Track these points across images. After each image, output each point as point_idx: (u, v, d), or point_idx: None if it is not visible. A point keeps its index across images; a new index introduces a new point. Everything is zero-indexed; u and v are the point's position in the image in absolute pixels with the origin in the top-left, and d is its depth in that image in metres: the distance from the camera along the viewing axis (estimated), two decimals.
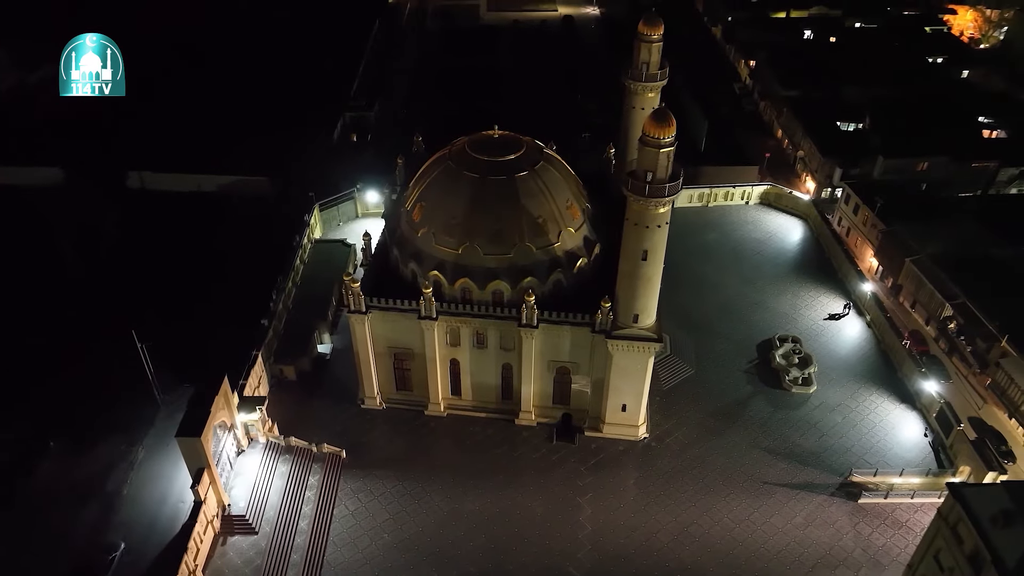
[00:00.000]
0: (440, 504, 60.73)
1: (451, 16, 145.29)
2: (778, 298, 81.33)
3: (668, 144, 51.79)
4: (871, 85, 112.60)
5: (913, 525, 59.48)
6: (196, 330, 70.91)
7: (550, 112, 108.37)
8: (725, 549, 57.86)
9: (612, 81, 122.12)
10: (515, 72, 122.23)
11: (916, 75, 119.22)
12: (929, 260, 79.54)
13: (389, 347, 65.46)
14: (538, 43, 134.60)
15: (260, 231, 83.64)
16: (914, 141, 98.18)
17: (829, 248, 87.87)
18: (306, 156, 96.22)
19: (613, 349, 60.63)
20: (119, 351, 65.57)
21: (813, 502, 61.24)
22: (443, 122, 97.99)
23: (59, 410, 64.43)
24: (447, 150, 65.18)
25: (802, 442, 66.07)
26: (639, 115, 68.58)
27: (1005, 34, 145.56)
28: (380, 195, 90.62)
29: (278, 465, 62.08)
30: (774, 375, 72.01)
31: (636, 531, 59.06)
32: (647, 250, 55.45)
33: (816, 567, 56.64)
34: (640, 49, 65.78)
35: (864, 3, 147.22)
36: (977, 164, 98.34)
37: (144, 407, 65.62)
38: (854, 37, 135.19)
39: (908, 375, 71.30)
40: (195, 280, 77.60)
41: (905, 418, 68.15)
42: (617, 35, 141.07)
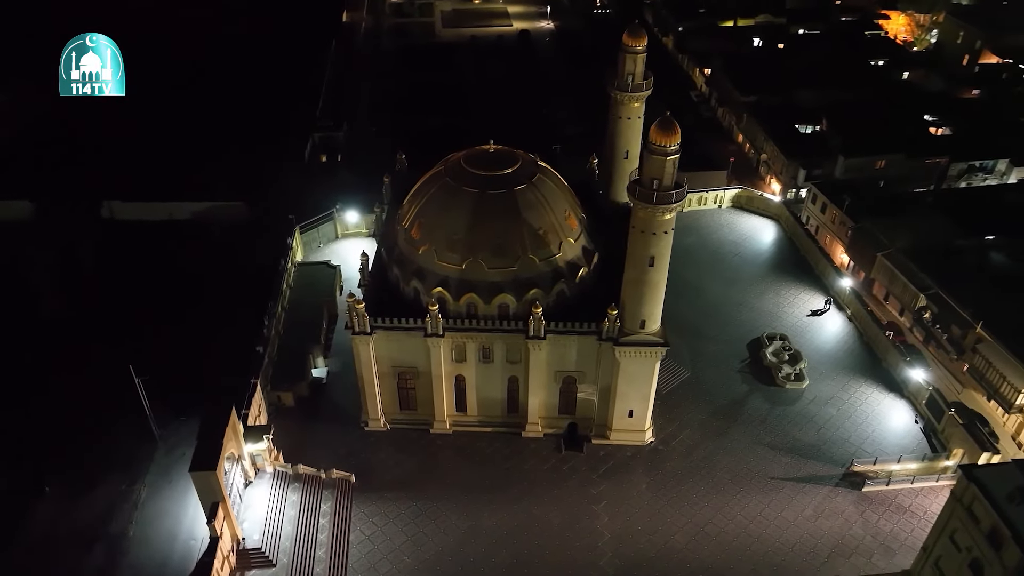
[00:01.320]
0: (457, 522, 60.26)
1: (407, 33, 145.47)
2: (761, 298, 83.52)
3: (674, 152, 52.97)
4: (822, 89, 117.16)
5: (916, 509, 61.71)
6: (186, 361, 68.86)
7: (519, 125, 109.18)
8: (742, 546, 58.93)
9: (575, 93, 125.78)
10: (479, 87, 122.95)
11: (861, 78, 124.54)
12: (900, 254, 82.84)
13: (393, 367, 64.84)
14: (497, 57, 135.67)
15: (240, 256, 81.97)
16: (871, 141, 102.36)
17: (804, 247, 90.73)
18: (278, 179, 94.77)
19: (621, 356, 61.34)
20: (108, 387, 63.43)
21: (820, 494, 62.93)
22: (415, 139, 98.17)
23: (52, 452, 61.66)
24: (442, 166, 65.16)
25: (801, 436, 67.86)
26: (625, 125, 70.15)
27: (937, 37, 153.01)
28: (360, 215, 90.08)
29: (288, 494, 60.69)
30: (767, 372, 73.84)
31: (654, 535, 59.69)
32: (654, 256, 56.44)
33: (831, 557, 58.16)
34: (625, 60, 67.06)
35: (806, 10, 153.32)
36: (930, 160, 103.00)
37: (141, 444, 63.38)
38: (800, 43, 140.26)
39: (893, 365, 74.06)
40: (179, 311, 75.45)
41: (895, 407, 70.70)
42: (573, 48, 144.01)
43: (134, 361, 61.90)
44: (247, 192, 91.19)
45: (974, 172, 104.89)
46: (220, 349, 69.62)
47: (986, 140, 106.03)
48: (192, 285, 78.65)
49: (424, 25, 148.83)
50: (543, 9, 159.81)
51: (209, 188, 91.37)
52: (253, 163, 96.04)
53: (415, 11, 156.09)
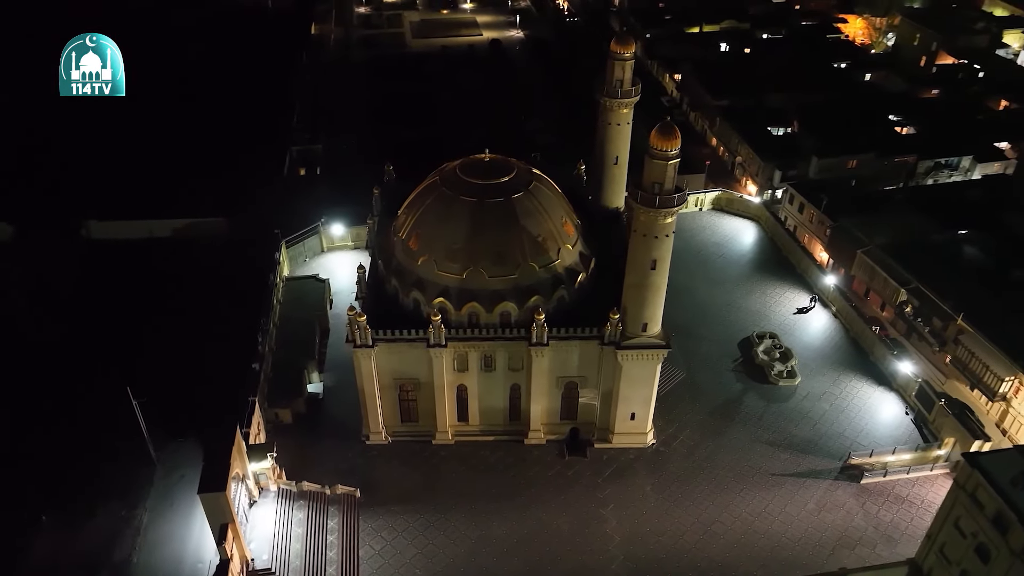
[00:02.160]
0: (467, 532, 60.05)
1: (378, 45, 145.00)
2: (747, 297, 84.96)
3: (675, 156, 53.83)
4: (790, 91, 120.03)
5: (913, 499, 63.28)
6: (179, 381, 67.45)
7: (495, 134, 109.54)
8: (750, 542, 59.78)
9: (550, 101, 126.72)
10: (454, 97, 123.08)
11: (826, 80, 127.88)
12: (878, 250, 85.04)
13: (395, 379, 64.47)
14: (470, 67, 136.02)
15: (227, 273, 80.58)
16: (842, 141, 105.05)
17: (785, 246, 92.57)
18: (259, 194, 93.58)
19: (623, 359, 61.87)
20: (102, 410, 61.92)
21: (820, 487, 64.15)
22: (394, 150, 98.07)
23: (47, 479, 59.84)
24: (437, 176, 65.08)
25: (798, 432, 69.14)
26: (615, 131, 70.96)
27: (894, 39, 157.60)
28: (345, 227, 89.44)
29: (294, 512, 59.82)
30: (759, 371, 75.11)
31: (663, 535, 60.22)
32: (656, 260, 57.14)
33: (836, 549, 59.31)
34: (613, 67, 67.86)
35: (768, 16, 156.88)
36: (899, 159, 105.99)
37: (139, 467, 61.85)
38: (765, 48, 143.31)
39: (880, 359, 75.92)
40: (168, 330, 73.91)
41: (885, 399, 72.47)
42: (544, 56, 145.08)
43: (125, 383, 60.48)
44: (228, 208, 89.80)
45: (940, 169, 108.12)
46: (213, 368, 68.29)
47: (949, 138, 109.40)
48: (179, 304, 77.09)
49: (394, 36, 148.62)
50: (511, 18, 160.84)
51: (188, 204, 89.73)
52: (231, 179, 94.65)
53: (384, 22, 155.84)
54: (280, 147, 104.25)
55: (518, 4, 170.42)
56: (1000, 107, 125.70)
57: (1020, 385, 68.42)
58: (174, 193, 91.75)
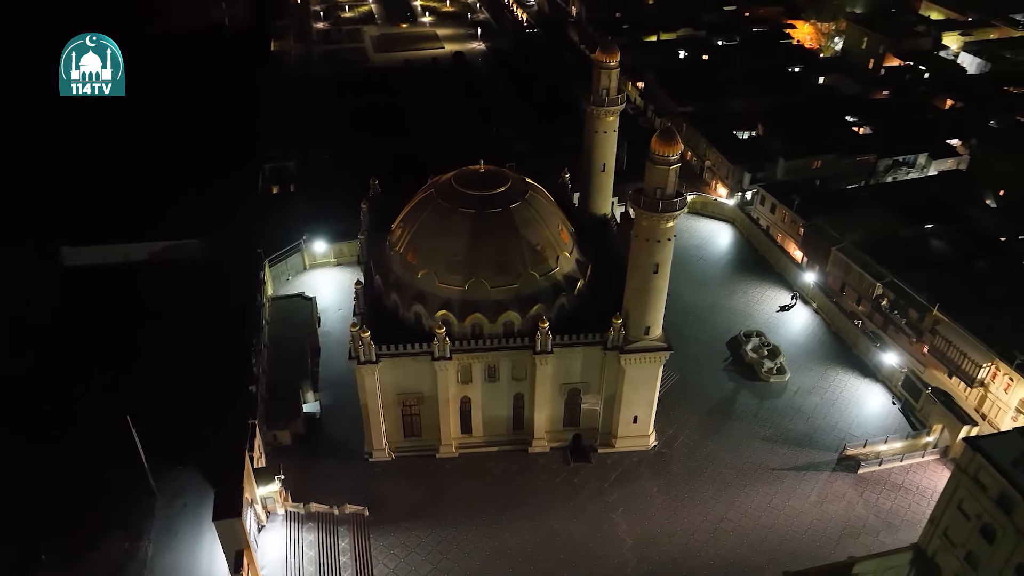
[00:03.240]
0: (479, 545, 59.81)
1: (340, 60, 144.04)
2: (730, 298, 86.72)
3: (676, 161, 54.89)
4: (751, 96, 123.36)
5: (909, 485, 65.33)
6: (172, 408, 65.75)
7: (469, 146, 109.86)
8: (758, 538, 60.90)
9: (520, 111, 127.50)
10: (424, 110, 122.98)
11: (783, 84, 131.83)
12: (852, 246, 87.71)
13: (398, 394, 63.96)
14: (436, 80, 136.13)
15: (210, 295, 78.88)
16: (806, 142, 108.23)
17: (762, 246, 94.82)
18: (235, 213, 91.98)
19: (626, 363, 62.54)
20: (95, 440, 59.98)
21: (820, 480, 65.75)
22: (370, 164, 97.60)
23: (44, 514, 57.56)
24: (432, 189, 64.98)
25: (793, 426, 70.79)
26: (602, 138, 71.95)
27: (842, 43, 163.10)
28: (328, 244, 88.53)
29: (304, 534, 58.73)
30: (749, 369, 76.71)
31: (674, 536, 60.92)
32: (658, 263, 58.07)
33: (842, 538, 60.83)
34: (600, 76, 68.89)
35: (722, 23, 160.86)
36: (860, 158, 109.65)
37: (138, 498, 59.96)
38: (722, 54, 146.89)
39: (864, 352, 78.27)
40: (156, 356, 71.95)
41: (872, 390, 74.75)
42: (506, 67, 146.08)
43: (121, 411, 58.72)
44: (204, 229, 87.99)
45: (899, 167, 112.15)
46: (204, 392, 66.76)
47: (904, 137, 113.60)
48: (163, 328, 75.13)
49: (355, 51, 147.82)
50: (472, 31, 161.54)
51: (163, 226, 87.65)
52: (206, 199, 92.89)
53: (344, 37, 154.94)
54: (252, 165, 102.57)
55: (477, 17, 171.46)
56: (946, 106, 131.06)
57: (997, 371, 71.13)
58: (147, 216, 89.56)
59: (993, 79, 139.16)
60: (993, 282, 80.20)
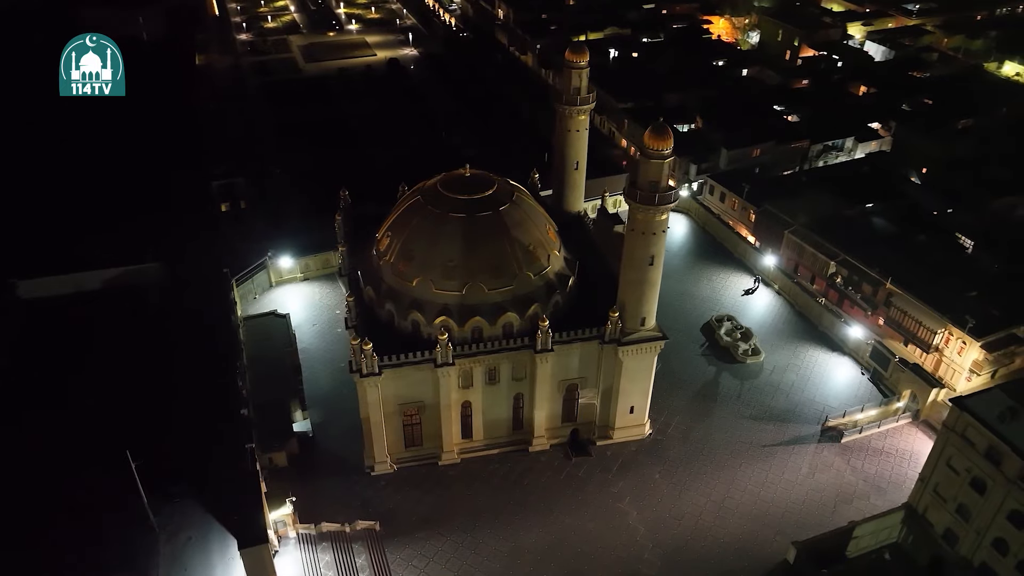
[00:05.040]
0: (497, 547, 59.88)
1: (270, 71, 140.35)
2: (696, 285, 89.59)
3: (669, 155, 56.51)
4: (684, 90, 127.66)
5: (889, 449, 69.26)
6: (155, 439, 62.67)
7: (418, 152, 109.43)
8: (761, 512, 63.32)
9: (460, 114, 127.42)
10: (366, 119, 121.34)
11: (711, 78, 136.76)
12: (803, 229, 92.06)
13: (399, 405, 63.26)
14: (374, 87, 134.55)
15: (179, 319, 75.59)
16: (744, 132, 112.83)
17: (719, 234, 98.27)
18: (189, 233, 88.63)
19: (624, 355, 63.87)
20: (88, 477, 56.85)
21: (808, 452, 68.89)
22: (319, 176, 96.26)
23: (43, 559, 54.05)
24: (418, 196, 64.57)
25: (775, 404, 73.84)
26: (574, 136, 73.31)
27: (759, 36, 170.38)
28: (294, 259, 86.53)
29: (319, 555, 57.58)
30: (726, 352, 79.50)
31: (683, 518, 62.63)
32: (654, 255, 59.60)
33: (838, 505, 63.92)
34: (571, 76, 70.14)
35: (645, 21, 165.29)
36: (795, 145, 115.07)
37: (139, 535, 56.93)
38: (650, 52, 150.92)
39: (829, 327, 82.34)
40: (132, 386, 68.42)
41: (841, 363, 78.79)
42: (442, 71, 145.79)
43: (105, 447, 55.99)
44: (161, 251, 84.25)
45: (829, 151, 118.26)
46: (189, 420, 64.06)
47: (829, 123, 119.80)
48: (135, 357, 71.50)
49: (285, 61, 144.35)
50: (401, 37, 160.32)
51: (116, 253, 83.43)
52: (156, 221, 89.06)
53: (270, 48, 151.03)
54: (200, 183, 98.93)
55: (405, 23, 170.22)
56: (860, 92, 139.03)
57: (950, 335, 76.18)
58: (96, 243, 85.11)
59: (897, 65, 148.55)
60: (932, 253, 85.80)
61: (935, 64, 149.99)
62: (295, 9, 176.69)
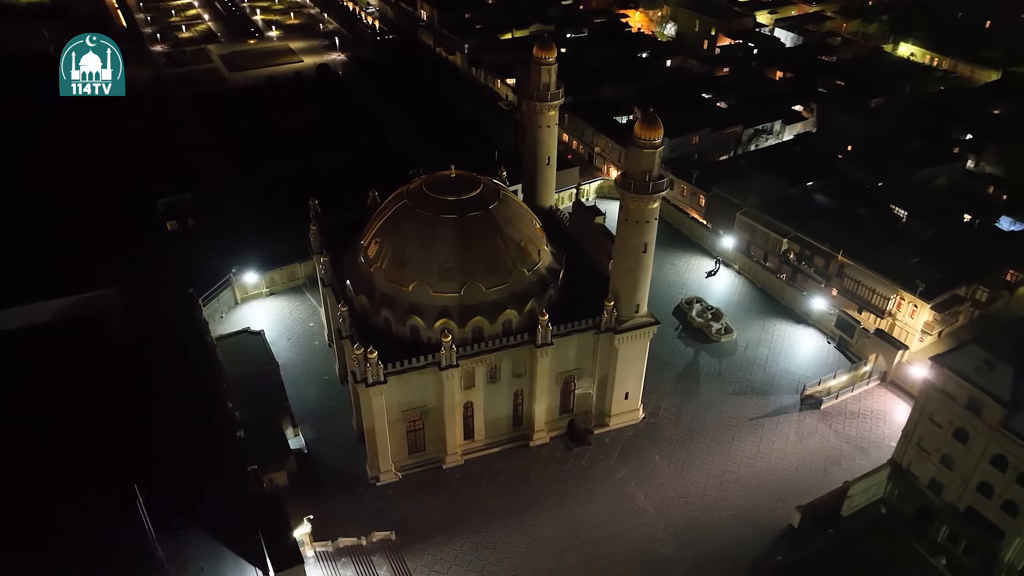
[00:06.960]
0: (516, 544, 60.10)
1: (195, 82, 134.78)
2: (662, 270, 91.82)
3: (659, 144, 57.97)
4: (615, 82, 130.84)
5: (865, 411, 73.32)
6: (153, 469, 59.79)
7: (365, 156, 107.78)
8: (760, 482, 65.94)
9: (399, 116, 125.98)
10: (304, 126, 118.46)
11: (639, 69, 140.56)
12: (753, 210, 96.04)
13: (403, 411, 62.48)
14: (305, 94, 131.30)
15: (146, 344, 72.03)
16: (681, 120, 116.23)
17: (675, 219, 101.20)
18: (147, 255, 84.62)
19: (619, 343, 65.15)
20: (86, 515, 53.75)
21: (792, 420, 72.12)
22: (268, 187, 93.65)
23: None
24: (405, 199, 63.83)
25: (753, 378, 76.90)
26: (544, 132, 74.11)
27: (676, 28, 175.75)
28: (258, 275, 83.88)
29: (341, 571, 56.33)
30: (699, 333, 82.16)
31: (688, 496, 64.53)
32: (647, 243, 61.09)
33: (828, 468, 67.24)
34: (540, 72, 70.82)
35: (565, 17, 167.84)
36: (730, 130, 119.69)
37: (144, 571, 54.17)
38: (575, 46, 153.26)
39: (791, 301, 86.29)
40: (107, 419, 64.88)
41: (807, 334, 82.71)
42: (373, 74, 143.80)
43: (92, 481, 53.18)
44: (113, 276, 80.00)
45: (760, 135, 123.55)
46: (176, 447, 61.35)
47: (755, 108, 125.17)
48: (109, 388, 67.78)
49: (207, 72, 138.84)
50: (326, 42, 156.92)
51: (62, 282, 78.77)
52: (102, 244, 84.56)
53: (190, 59, 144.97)
54: (145, 201, 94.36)
55: (327, 27, 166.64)
56: (777, 77, 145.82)
57: (901, 300, 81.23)
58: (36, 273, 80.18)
59: (807, 50, 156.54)
60: (872, 224, 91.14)
61: (839, 48, 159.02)
62: (209, 17, 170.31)
